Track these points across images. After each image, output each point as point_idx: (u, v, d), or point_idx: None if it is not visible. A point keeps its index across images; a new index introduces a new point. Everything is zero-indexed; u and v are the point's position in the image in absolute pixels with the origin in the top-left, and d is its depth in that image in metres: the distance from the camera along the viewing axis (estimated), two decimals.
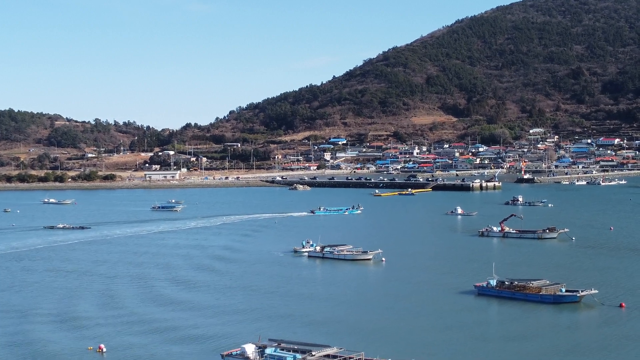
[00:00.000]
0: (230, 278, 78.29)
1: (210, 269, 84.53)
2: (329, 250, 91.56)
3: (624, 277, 73.89)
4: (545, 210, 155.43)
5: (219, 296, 68.78)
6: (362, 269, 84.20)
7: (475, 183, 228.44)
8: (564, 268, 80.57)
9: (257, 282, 75.31)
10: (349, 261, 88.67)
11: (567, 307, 62.11)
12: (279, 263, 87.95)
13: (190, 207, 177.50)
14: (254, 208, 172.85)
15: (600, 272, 76.98)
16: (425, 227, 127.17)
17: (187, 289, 72.17)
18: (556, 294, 63.34)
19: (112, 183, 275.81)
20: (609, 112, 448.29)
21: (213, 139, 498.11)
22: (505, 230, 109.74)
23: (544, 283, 66.00)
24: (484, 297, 66.54)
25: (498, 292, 66.45)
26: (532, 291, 64.81)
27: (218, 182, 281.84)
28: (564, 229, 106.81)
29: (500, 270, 78.38)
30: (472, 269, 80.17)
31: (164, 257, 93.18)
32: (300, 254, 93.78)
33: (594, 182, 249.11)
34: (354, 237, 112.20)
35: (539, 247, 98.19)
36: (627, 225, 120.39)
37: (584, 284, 68.73)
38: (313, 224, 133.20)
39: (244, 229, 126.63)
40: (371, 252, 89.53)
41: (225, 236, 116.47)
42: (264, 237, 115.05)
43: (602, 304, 61.67)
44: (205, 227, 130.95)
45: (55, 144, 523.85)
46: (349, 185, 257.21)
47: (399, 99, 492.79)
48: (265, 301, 65.77)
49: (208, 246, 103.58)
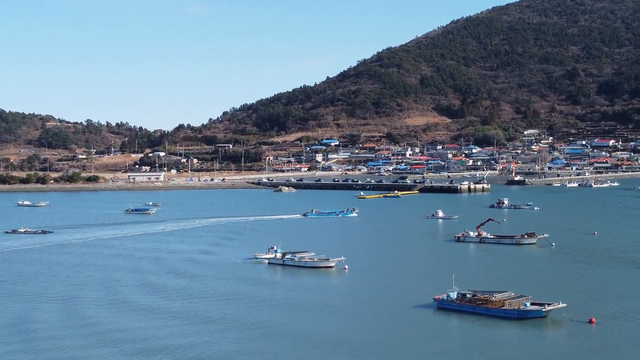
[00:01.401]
0: (173, 290, 72.39)
1: (154, 279, 78.57)
2: (290, 257, 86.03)
3: (598, 288, 68.35)
4: (530, 213, 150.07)
5: (151, 309, 63.20)
6: (321, 277, 78.64)
7: (464, 185, 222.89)
8: (537, 277, 75.08)
9: (203, 290, 69.77)
10: (309, 269, 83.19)
11: (532, 323, 56.65)
12: (233, 271, 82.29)
13: (166, 210, 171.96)
14: (232, 211, 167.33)
15: (574, 282, 71.42)
16: (402, 231, 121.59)
17: (118, 305, 65.90)
18: (520, 308, 57.79)
19: (95, 185, 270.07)
20: (604, 113, 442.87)
21: (205, 140, 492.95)
22: (482, 235, 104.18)
23: (509, 296, 60.48)
24: (444, 312, 61.01)
25: (458, 306, 60.90)
26: (494, 305, 59.25)
27: (203, 184, 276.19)
28: (543, 234, 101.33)
29: (468, 280, 73.27)
30: (438, 278, 74.58)
31: (110, 268, 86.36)
32: (260, 260, 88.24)
33: (585, 184, 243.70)
34: (325, 241, 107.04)
35: (515, 254, 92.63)
36: (611, 230, 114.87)
37: (554, 296, 63.21)
38: (288, 228, 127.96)
39: (213, 233, 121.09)
40: (333, 259, 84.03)
41: (189, 241, 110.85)
42: (230, 242, 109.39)
43: (571, 320, 56.19)
44: (172, 231, 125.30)
45: (46, 145, 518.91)
46: (335, 187, 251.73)
47: (393, 100, 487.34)
48: (201, 310, 60.19)
49: (165, 252, 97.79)
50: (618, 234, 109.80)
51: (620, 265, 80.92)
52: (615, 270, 77.65)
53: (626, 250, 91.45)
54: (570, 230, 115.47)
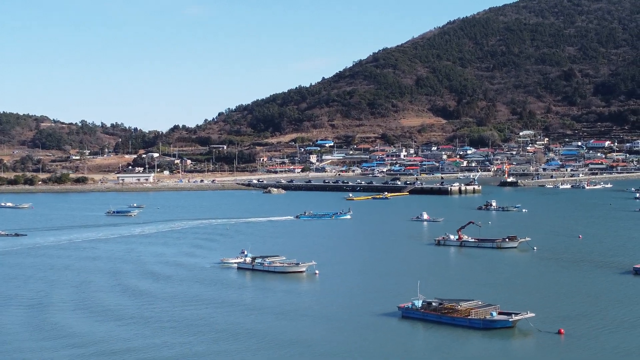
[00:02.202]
0: (132, 293, 69.71)
1: (117, 283, 75.88)
2: (260, 262, 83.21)
3: (571, 295, 65.43)
4: (518, 215, 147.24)
5: (106, 312, 60.49)
6: (289, 282, 75.82)
7: (454, 187, 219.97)
8: (511, 284, 72.24)
9: (163, 294, 67.00)
10: (279, 274, 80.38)
11: (498, 333, 53.86)
12: (199, 276, 79.45)
13: (149, 212, 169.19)
14: (217, 213, 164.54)
15: (547, 289, 68.55)
16: (383, 234, 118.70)
17: (75, 309, 63.50)
18: (486, 318, 54.98)
19: (84, 186, 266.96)
20: (601, 114, 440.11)
21: (199, 141, 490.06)
22: (462, 238, 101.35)
23: (476, 304, 57.67)
24: (408, 321, 58.19)
25: (423, 314, 58.10)
26: (460, 314, 56.45)
27: (192, 185, 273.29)
28: (525, 237, 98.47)
29: (441, 285, 70.82)
30: (409, 284, 71.56)
31: (72, 271, 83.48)
32: (228, 265, 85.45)
33: (578, 186, 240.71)
34: (305, 244, 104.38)
35: (494, 258, 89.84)
36: (597, 233, 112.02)
37: (527, 303, 60.50)
38: (272, 231, 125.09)
39: (189, 237, 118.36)
40: (304, 264, 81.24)
41: (163, 244, 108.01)
42: (205, 246, 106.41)
43: (539, 330, 53.37)
44: (149, 234, 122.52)
45: (40, 146, 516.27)
46: (325, 188, 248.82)
47: (388, 101, 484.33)
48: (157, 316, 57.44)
49: (133, 256, 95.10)
50: (602, 237, 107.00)
51: (599, 270, 78.13)
52: (592, 276, 74.86)
53: (607, 255, 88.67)
54: (555, 234, 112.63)
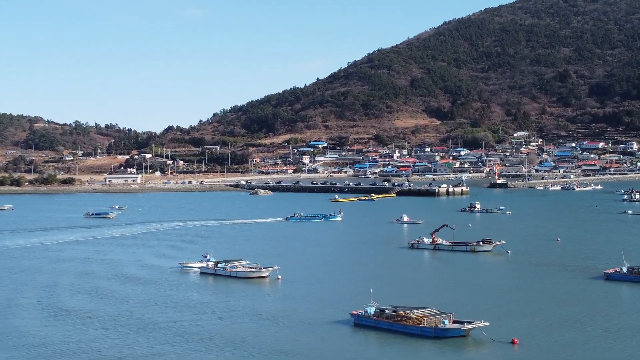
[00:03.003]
0: (86, 295, 67.42)
1: (66, 286, 73.62)
2: (222, 267, 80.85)
3: (533, 303, 62.86)
4: (501, 218, 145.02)
5: (56, 315, 58.24)
6: (249, 288, 73.39)
7: (442, 188, 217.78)
8: (476, 289, 69.78)
9: (115, 298, 64.69)
10: (241, 279, 78.03)
11: (450, 342, 51.48)
12: (157, 280, 77.10)
13: (129, 214, 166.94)
14: (198, 214, 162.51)
15: (511, 296, 66.09)
16: (359, 237, 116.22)
17: (26, 311, 61.15)
18: (438, 326, 52.62)
19: (70, 187, 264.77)
20: (595, 115, 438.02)
21: (192, 141, 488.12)
22: (436, 242, 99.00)
23: (430, 312, 55.29)
24: (360, 329, 55.83)
25: (375, 322, 55.75)
26: (412, 322, 54.10)
27: (180, 186, 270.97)
28: (499, 241, 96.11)
29: (403, 291, 68.51)
30: (373, 290, 69.41)
31: (29, 273, 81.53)
32: (187, 269, 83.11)
33: (568, 187, 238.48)
34: (275, 247, 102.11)
35: (466, 262, 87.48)
36: (576, 236, 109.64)
37: (486, 311, 58.22)
38: (253, 234, 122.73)
39: (161, 239, 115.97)
40: (266, 269, 78.87)
41: (131, 247, 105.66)
42: (175, 248, 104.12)
43: (492, 340, 50.99)
44: (121, 237, 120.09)
45: (33, 147, 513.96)
46: (314, 189, 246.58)
47: (382, 102, 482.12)
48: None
49: (97, 260, 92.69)
50: (581, 240, 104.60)
51: (570, 275, 75.70)
52: (561, 281, 72.35)
53: (581, 259, 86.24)
54: (534, 236, 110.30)
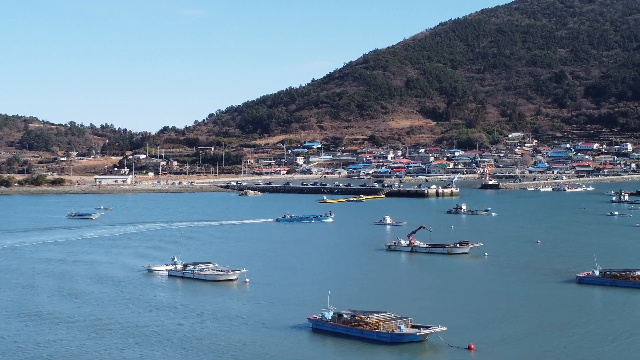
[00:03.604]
0: (48, 297, 66.06)
1: (33, 289, 72.27)
2: (190, 269, 79.53)
3: (498, 307, 61.53)
4: (486, 219, 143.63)
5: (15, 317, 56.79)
6: (215, 291, 72.09)
7: (431, 189, 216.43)
8: (444, 292, 68.44)
9: (75, 300, 63.35)
10: (209, 282, 76.73)
11: (406, 348, 50.18)
12: (120, 283, 75.72)
13: (113, 215, 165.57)
14: (183, 215, 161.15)
15: (478, 300, 64.68)
16: (339, 238, 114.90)
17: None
18: (394, 332, 51.28)
19: (60, 188, 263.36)
20: (590, 116, 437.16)
21: (187, 142, 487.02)
22: (413, 244, 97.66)
23: (389, 316, 53.94)
24: (318, 334, 54.48)
25: (332, 327, 54.40)
26: (368, 327, 52.76)
27: (170, 187, 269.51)
28: (476, 243, 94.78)
29: (368, 295, 67.17)
30: (338, 294, 68.10)
31: (4, 272, 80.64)
32: (154, 273, 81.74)
33: (559, 189, 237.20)
34: (249, 250, 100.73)
35: (440, 264, 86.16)
36: (557, 238, 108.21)
37: (445, 316, 56.90)
38: (226, 235, 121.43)
39: (139, 241, 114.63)
40: (234, 272, 77.56)
41: (105, 249, 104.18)
42: (150, 249, 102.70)
43: (449, 345, 49.67)
44: (98, 238, 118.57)
45: (27, 147, 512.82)
46: (303, 190, 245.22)
47: (377, 102, 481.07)
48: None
49: (68, 261, 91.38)
50: (561, 242, 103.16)
51: (542, 278, 74.30)
52: (531, 285, 70.93)
53: (557, 261, 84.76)
54: (514, 238, 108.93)
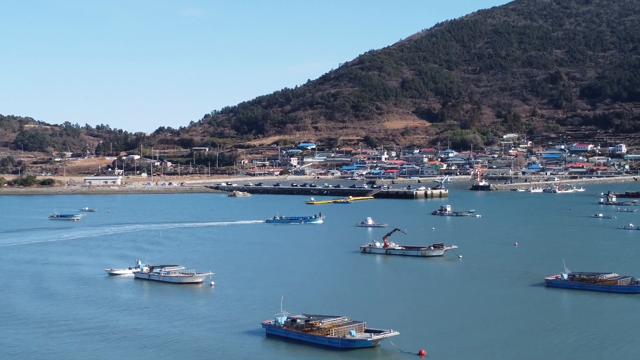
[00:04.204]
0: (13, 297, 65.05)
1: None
2: (156, 272, 78.47)
3: (456, 311, 60.39)
4: (469, 221, 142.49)
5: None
6: (179, 294, 71.00)
7: (419, 191, 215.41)
8: (406, 296, 67.34)
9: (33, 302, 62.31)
10: (175, 284, 75.66)
11: (358, 354, 49.12)
12: (84, 285, 74.64)
13: (96, 216, 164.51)
14: (167, 217, 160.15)
15: (440, 303, 63.58)
16: (316, 240, 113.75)
17: None
18: (345, 337, 50.16)
19: (50, 188, 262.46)
20: (585, 117, 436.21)
21: (181, 143, 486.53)
22: (388, 246, 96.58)
23: (342, 321, 52.84)
24: (272, 339, 53.40)
25: (285, 332, 53.31)
26: (320, 333, 51.65)
27: (160, 188, 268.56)
28: (451, 245, 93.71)
29: (330, 299, 66.02)
30: (302, 298, 67.16)
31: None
32: (115, 276, 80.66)
33: (550, 190, 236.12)
34: (222, 252, 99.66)
35: (412, 267, 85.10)
36: (535, 240, 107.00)
37: (404, 320, 55.86)
38: (205, 237, 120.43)
39: (115, 242, 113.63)
40: (200, 275, 76.51)
41: (78, 251, 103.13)
42: (123, 251, 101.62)
43: (401, 351, 48.59)
44: (74, 240, 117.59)
45: (22, 148, 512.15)
46: (293, 192, 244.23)
47: (372, 103, 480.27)
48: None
49: (38, 262, 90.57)
50: (538, 245, 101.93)
51: (511, 281, 73.17)
52: (498, 288, 69.82)
53: (531, 264, 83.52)
54: (492, 240, 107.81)
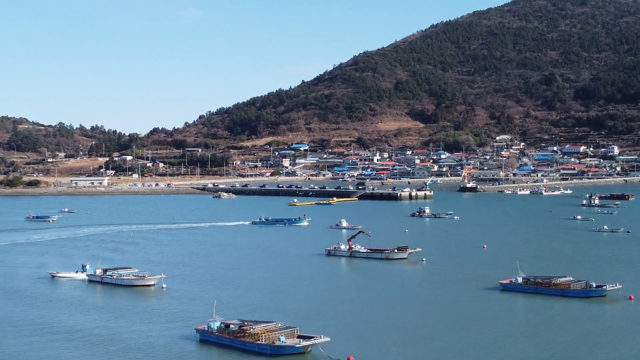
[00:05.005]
0: None
1: None
2: (109, 275, 77.31)
3: (400, 315, 59.24)
4: (446, 223, 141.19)
5: None
6: (128, 296, 69.93)
7: (404, 192, 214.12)
8: (354, 301, 66.10)
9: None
10: (126, 287, 74.51)
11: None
12: (30, 286, 73.59)
13: (76, 217, 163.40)
14: (145, 218, 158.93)
15: (385, 308, 62.36)
16: (286, 242, 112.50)
17: None
18: (274, 343, 49.01)
19: (36, 189, 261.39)
20: (579, 119, 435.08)
21: (174, 144, 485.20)
22: (353, 249, 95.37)
23: (275, 326, 51.68)
24: (205, 345, 52.22)
25: (218, 338, 52.15)
26: (251, 339, 50.48)
27: (146, 189, 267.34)
28: (415, 248, 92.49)
29: (275, 303, 64.80)
30: (253, 300, 66.03)
31: None
32: (59, 278, 79.54)
33: (536, 192, 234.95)
34: (184, 255, 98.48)
35: (374, 270, 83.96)
36: (504, 243, 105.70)
37: (340, 326, 54.77)
38: (174, 239, 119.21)
39: (82, 244, 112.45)
40: (151, 277, 75.39)
41: (41, 251, 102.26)
42: (86, 253, 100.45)
43: (330, 357, 47.38)
44: (43, 241, 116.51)
45: (15, 148, 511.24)
46: (279, 193, 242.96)
47: (366, 104, 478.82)
48: None
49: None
50: (506, 247, 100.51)
51: (468, 285, 71.84)
52: (452, 292, 68.58)
53: (493, 267, 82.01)
54: (462, 243, 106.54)
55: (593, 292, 65.55)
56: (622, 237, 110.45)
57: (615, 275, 72.74)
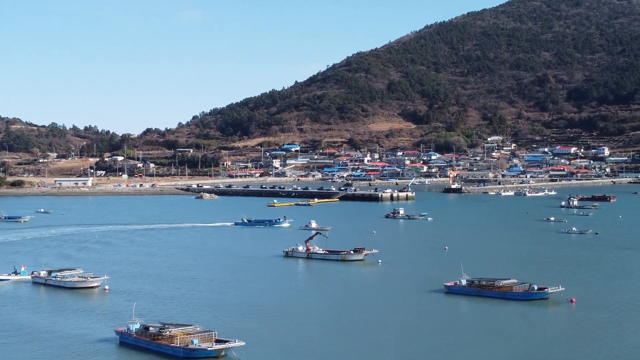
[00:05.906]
0: None
1: None
2: (53, 277, 76.26)
3: (328, 318, 58.20)
4: (419, 224, 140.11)
5: None
6: (68, 298, 68.98)
7: (385, 193, 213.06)
8: (291, 304, 65.04)
9: None
10: (69, 289, 73.44)
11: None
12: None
13: (48, 217, 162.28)
14: (119, 219, 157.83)
15: (310, 314, 61.27)
16: (249, 244, 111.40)
17: None
18: (187, 346, 48.03)
19: (19, 189, 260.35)
20: (571, 120, 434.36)
21: (166, 144, 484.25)
22: (310, 250, 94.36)
23: (193, 330, 50.66)
24: (125, 347, 51.32)
25: (135, 340, 51.15)
26: (166, 342, 49.50)
27: (130, 190, 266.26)
28: (371, 249, 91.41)
29: (210, 305, 63.69)
30: (186, 304, 64.96)
31: None
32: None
33: (520, 193, 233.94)
34: (138, 256, 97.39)
35: (326, 271, 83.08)
36: (469, 244, 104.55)
37: (265, 328, 53.76)
38: (140, 240, 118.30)
39: (43, 244, 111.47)
40: (95, 279, 74.36)
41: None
42: (45, 253, 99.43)
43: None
44: (9, 242, 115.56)
45: (7, 148, 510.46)
46: (262, 194, 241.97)
47: (358, 105, 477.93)
48: None
49: None
50: (468, 249, 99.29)
51: (414, 287, 70.94)
52: (395, 295, 67.71)
53: (446, 269, 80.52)
54: (424, 244, 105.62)
55: (535, 294, 64.55)
56: (589, 239, 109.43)
57: (563, 278, 71.64)
